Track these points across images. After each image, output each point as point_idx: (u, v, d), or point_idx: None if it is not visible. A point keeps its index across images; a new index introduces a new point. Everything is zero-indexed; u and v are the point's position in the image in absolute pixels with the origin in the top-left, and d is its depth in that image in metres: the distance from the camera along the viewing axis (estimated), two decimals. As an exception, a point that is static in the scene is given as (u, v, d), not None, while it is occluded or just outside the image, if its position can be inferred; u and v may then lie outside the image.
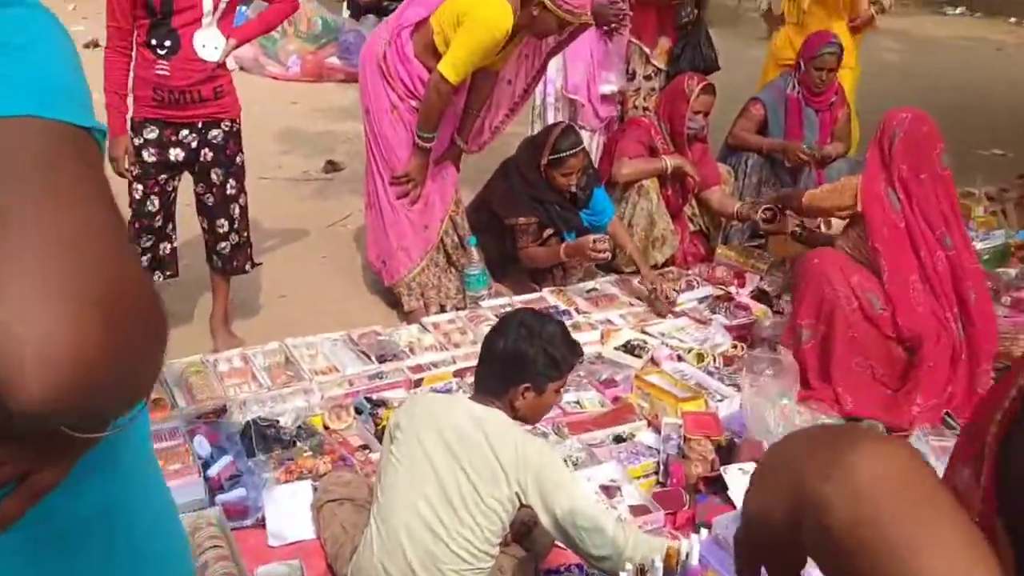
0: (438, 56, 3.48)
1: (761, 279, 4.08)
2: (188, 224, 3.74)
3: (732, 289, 4.03)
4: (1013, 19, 13.82)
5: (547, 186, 4.04)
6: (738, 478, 2.55)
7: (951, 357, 3.07)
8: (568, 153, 3.93)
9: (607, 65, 4.35)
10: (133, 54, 3.24)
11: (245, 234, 3.61)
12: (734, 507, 2.53)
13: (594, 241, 3.87)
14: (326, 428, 3.01)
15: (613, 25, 4.29)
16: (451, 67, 3.42)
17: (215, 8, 3.19)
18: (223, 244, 3.54)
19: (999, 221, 4.55)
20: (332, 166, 5.91)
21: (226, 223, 3.52)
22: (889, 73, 9.14)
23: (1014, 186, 5.24)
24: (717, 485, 2.65)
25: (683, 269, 4.38)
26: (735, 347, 3.62)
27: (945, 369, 3.03)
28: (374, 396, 3.19)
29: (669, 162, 4.27)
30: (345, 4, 10.12)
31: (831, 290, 3.10)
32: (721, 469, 2.59)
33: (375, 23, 9.85)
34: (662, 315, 3.84)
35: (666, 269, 4.33)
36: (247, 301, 4.02)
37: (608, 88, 4.41)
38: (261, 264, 3.94)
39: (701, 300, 4.03)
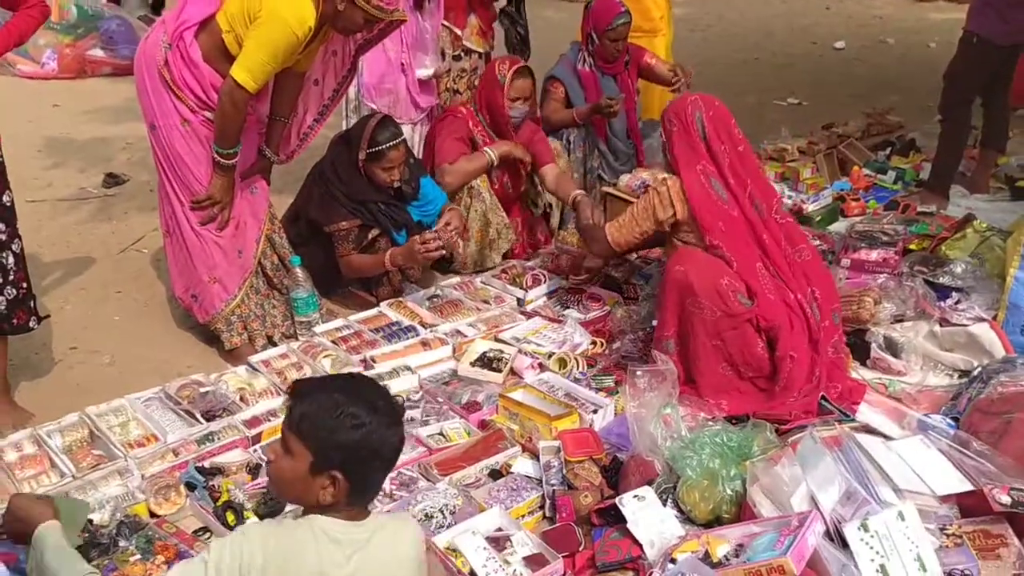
0: (231, 59, 2.99)
1: (606, 264, 3.91)
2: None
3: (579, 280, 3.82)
4: (778, -35, 14.54)
5: (367, 184, 3.65)
6: (634, 507, 2.34)
7: (809, 340, 2.99)
8: (388, 145, 3.56)
9: (422, 46, 3.97)
10: None
11: (25, 285, 3.01)
12: (633, 539, 2.33)
13: (423, 240, 3.54)
14: (153, 516, 2.54)
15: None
16: (246, 71, 2.94)
17: None
18: None
19: (823, 180, 4.62)
20: (113, 179, 5.19)
21: None
22: (677, 28, 9.30)
23: (821, 138, 5.38)
24: (610, 515, 2.43)
25: (524, 261, 4.14)
26: (594, 344, 3.43)
27: (806, 356, 2.96)
28: (207, 463, 2.74)
29: (493, 153, 3.99)
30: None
31: (692, 300, 2.92)
32: (616, 500, 2.37)
33: (137, 4, 8.94)
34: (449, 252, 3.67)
35: (508, 263, 4.09)
36: (29, 361, 3.39)
37: (424, 72, 4.04)
38: (48, 317, 3.31)
39: (550, 295, 3.81)
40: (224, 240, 3.30)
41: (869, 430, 2.65)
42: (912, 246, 3.83)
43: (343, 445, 1.74)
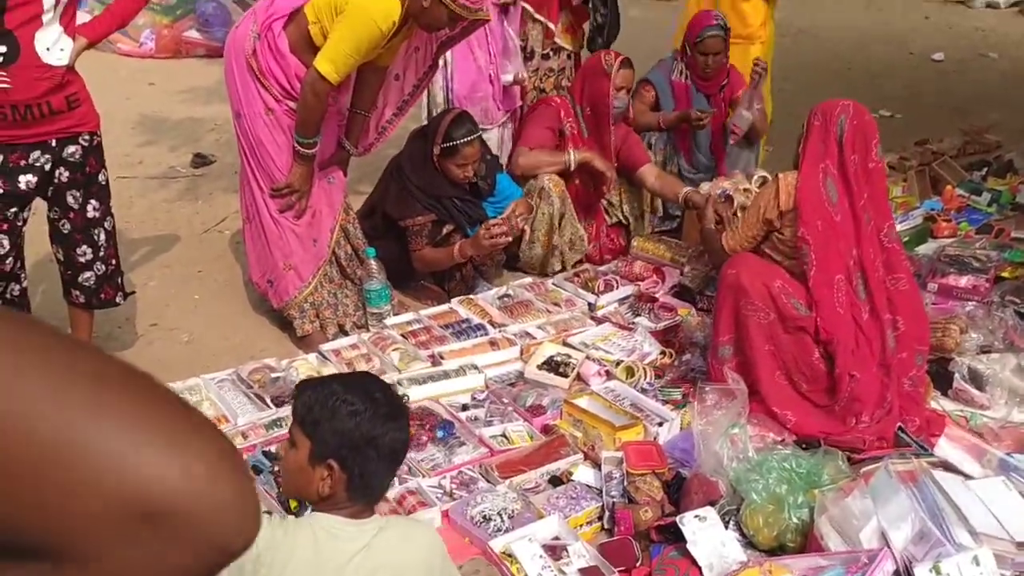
0: (316, 50, 3.02)
1: (681, 274, 3.85)
2: (35, 250, 3.19)
3: (653, 288, 3.77)
4: (878, -29, 14.09)
5: (442, 179, 3.67)
6: (695, 527, 2.30)
7: (880, 365, 2.90)
8: (462, 141, 3.57)
9: (506, 53, 3.98)
10: None
11: (114, 262, 3.11)
12: (692, 560, 2.29)
13: (488, 227, 3.53)
14: (219, 496, 2.59)
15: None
16: (330, 63, 2.97)
17: (57, 3, 2.65)
18: (86, 275, 3.04)
19: (915, 199, 4.47)
20: (201, 159, 5.32)
21: (89, 251, 3.01)
22: (775, 31, 9.10)
23: (913, 154, 5.20)
24: (670, 533, 2.40)
25: (598, 266, 4.11)
26: (663, 354, 3.38)
27: (875, 380, 2.86)
28: (274, 448, 2.79)
29: (573, 157, 3.96)
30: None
31: (746, 302, 2.89)
32: (677, 519, 2.33)
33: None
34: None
35: (581, 267, 4.06)
36: (112, 335, 3.51)
37: (507, 77, 4.03)
38: (134, 293, 3.41)
39: (622, 301, 3.76)
40: (300, 228, 3.35)
41: (948, 466, 2.55)
42: (1005, 274, 3.67)
43: (338, 431, 1.74)
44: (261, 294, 3.59)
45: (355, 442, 1.73)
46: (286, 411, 2.92)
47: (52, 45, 2.68)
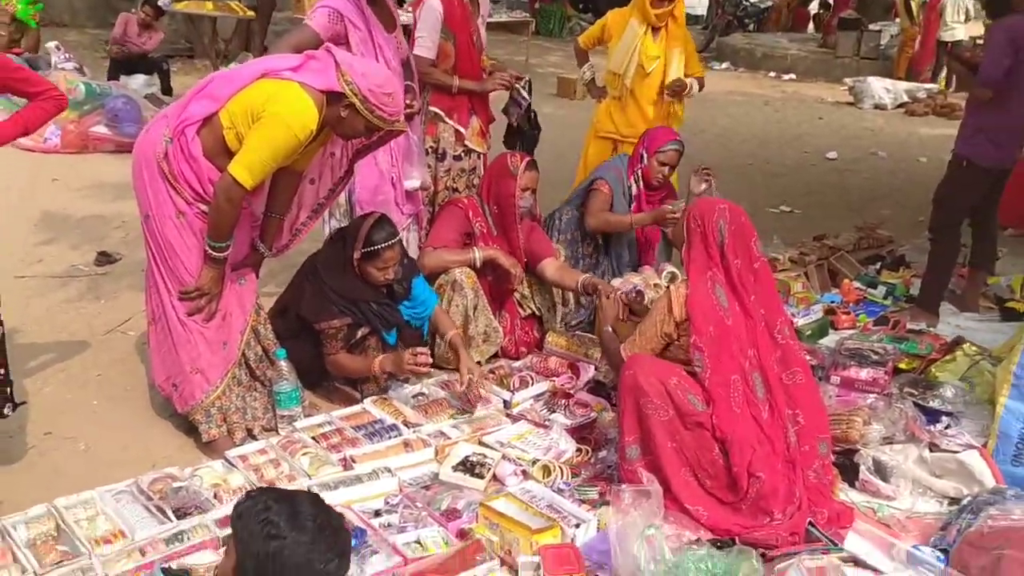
0: (230, 154, 3.01)
1: (596, 369, 3.88)
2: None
3: (568, 384, 3.78)
4: (772, 73, 14.99)
5: (361, 282, 3.65)
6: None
7: (785, 462, 2.94)
8: (384, 245, 3.57)
9: (409, 159, 4.04)
10: None
11: (2, 371, 2.97)
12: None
13: (413, 353, 3.53)
14: (113, 621, 2.44)
15: None
16: (245, 169, 2.96)
17: None
18: None
19: (814, 294, 4.65)
20: (105, 258, 5.17)
21: None
22: (682, 131, 9.51)
23: (812, 248, 5.44)
24: (590, 641, 2.35)
25: (513, 361, 4.11)
26: (579, 452, 3.37)
27: (782, 478, 2.90)
28: (174, 564, 2.64)
29: (478, 254, 4.04)
30: (108, 66, 9.25)
31: (646, 401, 2.92)
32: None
33: (145, 83, 9.11)
34: (468, 411, 3.60)
35: (496, 364, 4.06)
36: (1, 445, 3.30)
37: (411, 184, 4.09)
38: (25, 403, 3.23)
39: (537, 398, 3.76)
40: (210, 331, 3.27)
41: (858, 562, 2.59)
42: (902, 365, 3.82)
43: (254, 554, 1.67)
44: (165, 398, 3.46)
45: (269, 570, 1.66)
46: (188, 523, 2.79)
47: None
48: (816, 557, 2.47)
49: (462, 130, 4.28)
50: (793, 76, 14.77)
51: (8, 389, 2.99)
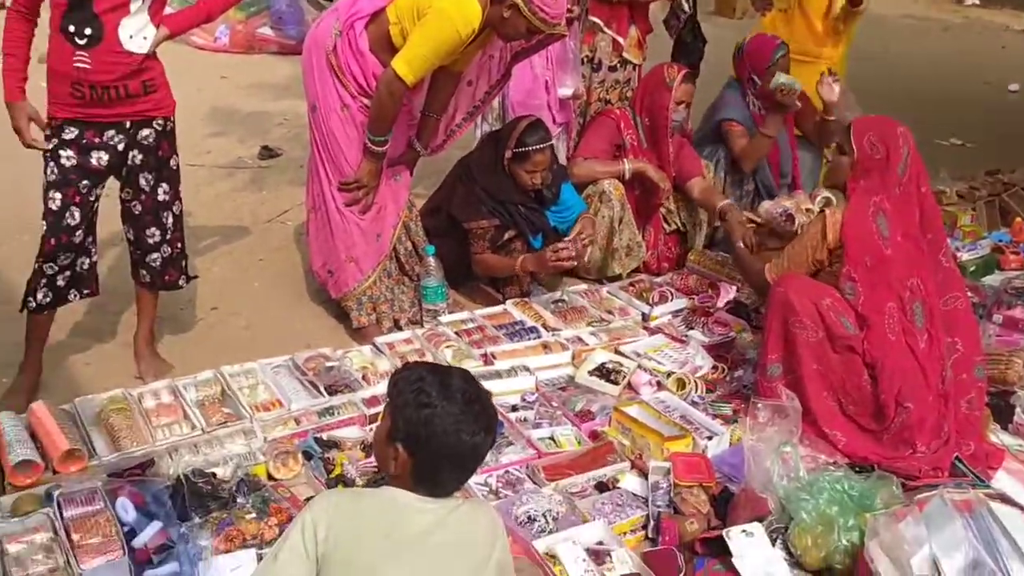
0: (394, 51, 3.08)
1: (738, 290, 3.81)
2: (105, 227, 3.25)
3: (708, 303, 3.74)
4: (954, -2, 13.84)
5: (511, 185, 3.69)
6: (742, 542, 2.28)
7: (937, 395, 2.83)
8: (535, 148, 3.60)
9: (564, 67, 3.99)
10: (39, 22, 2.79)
11: (179, 245, 3.19)
12: (736, 574, 2.27)
13: (554, 249, 3.56)
14: (270, 479, 2.65)
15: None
16: (407, 65, 3.02)
17: None
18: (153, 256, 3.11)
19: (982, 228, 4.38)
20: (268, 152, 5.44)
21: (157, 233, 3.09)
22: (848, 55, 8.97)
23: (983, 183, 5.09)
24: (715, 546, 2.38)
25: (654, 276, 4.10)
26: (715, 369, 3.36)
27: (932, 410, 2.79)
28: (324, 436, 2.84)
29: (628, 166, 3.98)
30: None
31: (794, 320, 2.85)
32: (724, 533, 2.32)
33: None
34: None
35: (636, 277, 4.05)
36: (175, 316, 3.60)
37: (565, 92, 4.05)
38: (197, 277, 3.49)
39: (675, 313, 3.75)
40: (365, 222, 3.41)
41: (1005, 499, 2.49)
42: (1073, 309, 3.56)
43: (407, 418, 1.77)
44: (320, 284, 3.65)
45: (420, 436, 1.76)
46: (339, 400, 2.98)
47: (135, 33, 2.75)
48: (962, 490, 2.38)
49: (620, 40, 4.19)
50: (976, 1, 13.59)
51: (183, 262, 3.22)
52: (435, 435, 1.77)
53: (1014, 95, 8.37)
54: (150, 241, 3.09)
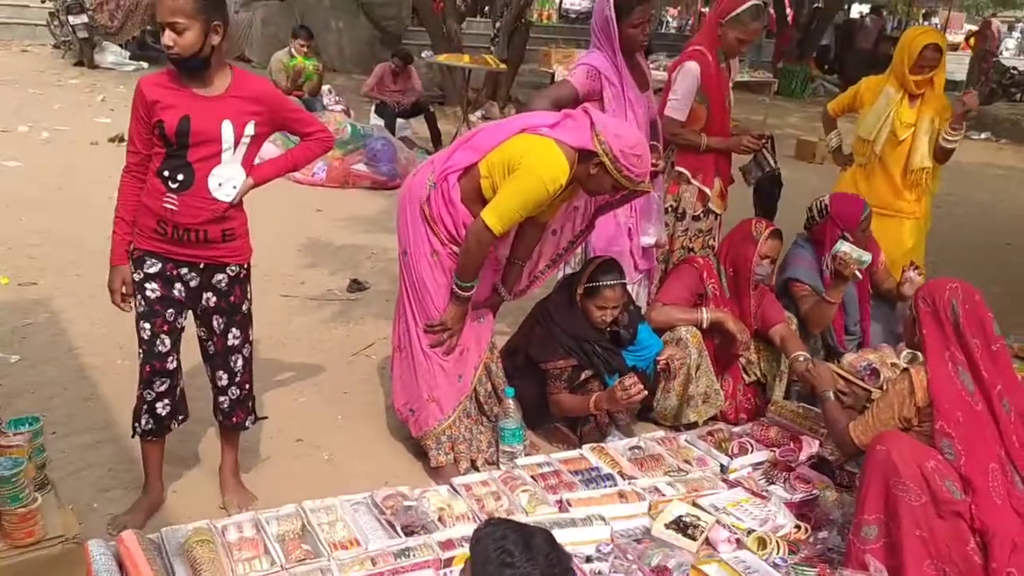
0: (484, 202, 3.25)
1: (820, 444, 3.74)
2: (193, 355, 3.37)
3: (790, 457, 3.68)
4: (1040, 146, 13.78)
5: (585, 322, 3.77)
6: None
7: None
8: (606, 283, 3.69)
9: (647, 216, 4.13)
10: None
11: (247, 387, 3.28)
12: None
13: (624, 386, 3.59)
14: (344, 621, 2.66)
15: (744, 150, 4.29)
16: (497, 217, 3.18)
17: (237, 143, 2.92)
18: (222, 399, 3.24)
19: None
20: (357, 285, 5.67)
21: (225, 376, 3.20)
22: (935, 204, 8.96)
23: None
24: None
25: (732, 425, 4.06)
26: (798, 528, 3.27)
27: None
28: (398, 578, 2.85)
29: (707, 315, 4.03)
30: (373, 110, 10.11)
31: (896, 481, 2.78)
32: None
33: (402, 127, 9.89)
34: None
35: (715, 426, 4.02)
36: (259, 444, 3.71)
37: (647, 240, 4.18)
38: (266, 418, 3.57)
39: (756, 466, 3.69)
40: (448, 364, 3.50)
41: None
42: None
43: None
44: (401, 421, 3.73)
45: None
46: (415, 541, 2.99)
47: (225, 182, 2.93)
48: None
49: (707, 191, 4.32)
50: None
51: (251, 403, 3.30)
52: None
53: (1107, 247, 8.16)
54: (220, 384, 3.21)
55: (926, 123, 4.90)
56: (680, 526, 3.20)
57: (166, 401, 3.12)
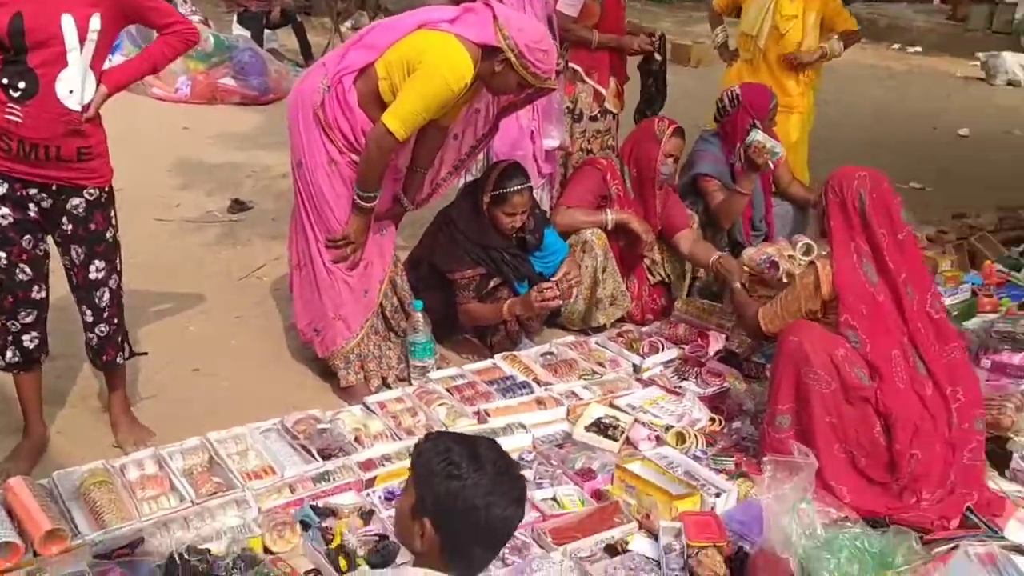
0: (383, 106, 3.03)
1: (727, 339, 3.80)
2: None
3: (699, 352, 3.72)
4: (896, 45, 14.33)
5: (492, 230, 3.65)
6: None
7: (944, 442, 2.83)
8: (513, 189, 3.56)
9: (549, 117, 4.00)
10: None
11: (116, 322, 2.95)
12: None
13: (540, 289, 3.52)
14: (267, 552, 2.52)
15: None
16: (399, 120, 2.97)
17: (82, 41, 2.55)
18: (90, 335, 2.94)
19: (961, 273, 4.45)
20: (239, 205, 5.33)
21: (90, 312, 2.89)
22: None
23: (952, 227, 5.20)
24: (737, 610, 2.31)
25: (639, 326, 4.07)
26: (713, 421, 3.32)
27: (939, 459, 2.80)
28: (320, 503, 2.72)
29: (611, 216, 3.97)
30: (235, 20, 9.45)
31: (808, 370, 2.84)
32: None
33: (270, 38, 9.31)
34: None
35: (624, 327, 4.02)
36: (152, 377, 3.45)
37: (551, 143, 4.05)
38: (145, 354, 3.24)
39: (667, 364, 3.72)
40: (353, 279, 3.33)
41: (1021, 550, 2.47)
42: (1054, 352, 3.61)
43: (436, 492, 1.69)
44: (305, 342, 3.54)
45: (450, 510, 1.67)
46: (334, 464, 2.87)
47: (76, 88, 2.58)
48: (981, 542, 2.36)
49: (602, 90, 4.21)
50: (919, 49, 14.09)
51: (120, 338, 3.00)
52: (467, 509, 1.69)
53: (964, 140, 8.62)
54: (86, 320, 2.91)
55: (811, 18, 4.94)
56: (600, 428, 3.19)
57: (34, 333, 2.83)
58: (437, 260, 3.70)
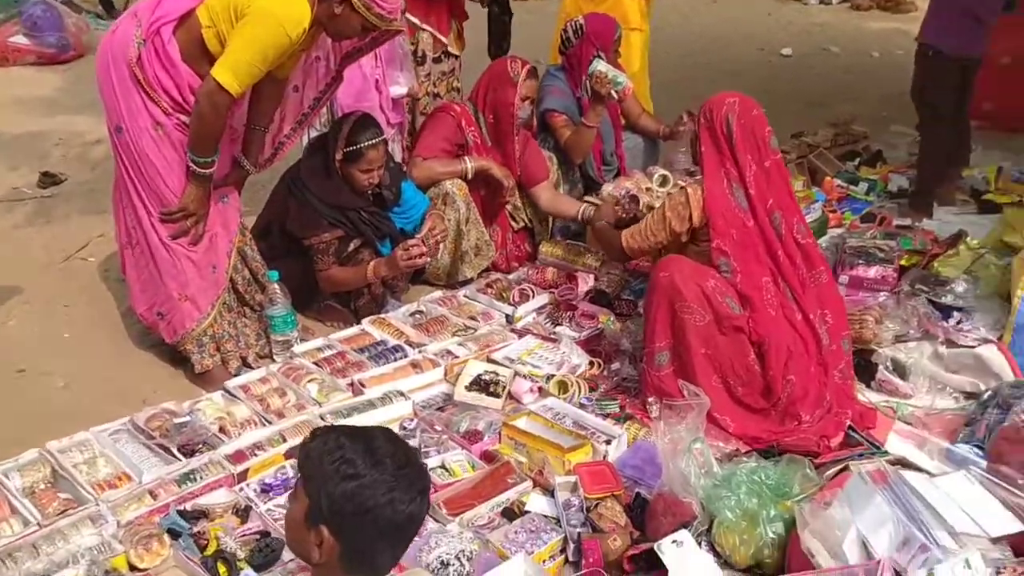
0: (211, 58, 2.71)
1: (596, 278, 3.75)
2: None
3: (570, 295, 3.65)
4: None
5: (347, 189, 3.41)
6: (674, 554, 2.19)
7: (817, 364, 2.90)
8: (367, 144, 3.32)
9: (394, 63, 3.74)
10: None
11: None
12: (673, 586, 2.17)
13: (405, 247, 3.34)
14: (133, 570, 2.27)
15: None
16: (231, 73, 2.67)
17: None
18: None
19: (813, 192, 4.57)
20: (50, 179, 4.79)
21: None
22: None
23: (791, 147, 5.34)
24: (643, 561, 2.27)
25: (506, 274, 3.95)
26: (592, 365, 3.26)
27: (813, 381, 2.86)
28: (188, 506, 2.47)
29: (470, 165, 3.80)
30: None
31: (682, 305, 2.83)
32: (655, 547, 2.21)
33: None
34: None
35: (491, 277, 3.89)
36: (-29, 385, 3.04)
37: (398, 91, 3.81)
38: None
39: (539, 310, 3.63)
40: (197, 254, 3.01)
41: (905, 464, 2.56)
42: (903, 262, 3.78)
43: (331, 495, 1.53)
44: (149, 327, 3.22)
45: (348, 513, 1.50)
46: (198, 461, 2.61)
47: None
48: (870, 461, 2.41)
49: (442, 38, 3.98)
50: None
51: None
52: (368, 510, 1.52)
53: (788, 59, 8.92)
54: None
55: None
56: (481, 385, 3.08)
57: None
58: (290, 225, 3.42)
